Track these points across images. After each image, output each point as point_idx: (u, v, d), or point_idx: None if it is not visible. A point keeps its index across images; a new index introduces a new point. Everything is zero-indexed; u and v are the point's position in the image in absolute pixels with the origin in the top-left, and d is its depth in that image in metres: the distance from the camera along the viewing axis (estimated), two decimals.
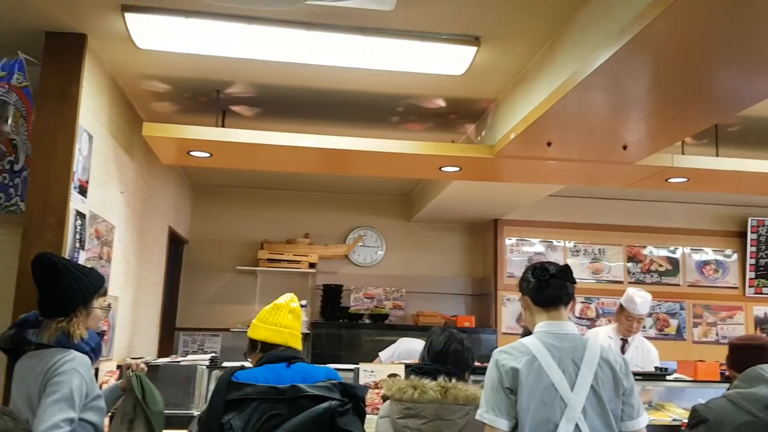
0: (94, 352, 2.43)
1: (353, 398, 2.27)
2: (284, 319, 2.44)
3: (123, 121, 4.00)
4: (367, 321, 6.32)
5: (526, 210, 6.30)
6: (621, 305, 4.32)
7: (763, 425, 2.40)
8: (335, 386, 2.24)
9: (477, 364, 3.80)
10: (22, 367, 2.37)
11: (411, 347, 4.70)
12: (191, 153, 4.02)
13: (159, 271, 5.30)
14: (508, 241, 6.63)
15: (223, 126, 4.11)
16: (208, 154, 4.05)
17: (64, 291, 2.41)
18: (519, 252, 6.60)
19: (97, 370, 3.25)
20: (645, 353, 4.38)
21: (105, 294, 2.64)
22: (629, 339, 4.35)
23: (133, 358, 3.87)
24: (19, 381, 2.35)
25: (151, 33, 3.17)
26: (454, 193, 5.42)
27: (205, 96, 4.04)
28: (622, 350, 4.31)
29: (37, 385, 2.28)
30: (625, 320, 4.28)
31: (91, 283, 2.47)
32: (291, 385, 2.21)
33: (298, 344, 2.44)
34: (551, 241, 6.68)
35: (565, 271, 2.24)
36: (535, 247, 6.65)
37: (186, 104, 4.21)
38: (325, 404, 2.19)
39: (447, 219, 6.78)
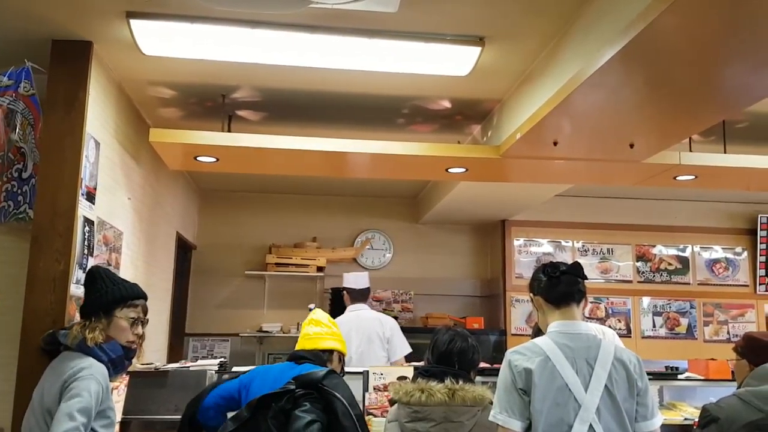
0: (112, 363, 2.48)
1: (309, 386, 2.30)
2: (307, 328, 2.78)
3: (130, 128, 4.02)
4: None
5: (533, 210, 6.28)
6: None
7: None
8: (292, 382, 2.31)
9: (486, 365, 3.81)
10: (49, 367, 2.50)
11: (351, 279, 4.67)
12: (198, 158, 4.03)
13: (167, 276, 5.31)
14: (516, 242, 6.60)
15: (229, 131, 4.12)
16: (215, 159, 4.06)
17: (90, 296, 2.60)
18: (527, 253, 6.58)
19: None
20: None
21: (137, 308, 2.63)
22: None
23: (142, 364, 3.88)
24: (42, 380, 2.46)
25: (157, 39, 3.18)
26: (462, 194, 5.41)
27: (211, 101, 4.05)
28: None
29: (53, 386, 2.36)
30: None
31: (116, 292, 2.58)
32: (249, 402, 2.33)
33: (317, 345, 2.71)
34: (559, 241, 6.66)
35: (576, 268, 2.24)
36: (544, 248, 6.63)
37: (192, 109, 4.23)
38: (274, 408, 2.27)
39: (455, 221, 6.76)
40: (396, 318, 6.30)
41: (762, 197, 6.52)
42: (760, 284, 6.68)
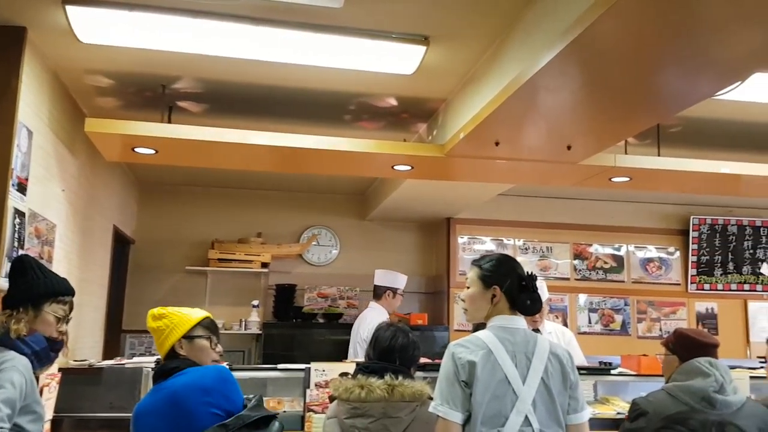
0: (36, 356, 2.37)
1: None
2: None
3: (65, 117, 3.88)
4: (321, 320, 6.30)
5: (477, 209, 6.37)
6: None
7: (696, 415, 2.48)
8: (260, 401, 2.17)
9: (428, 360, 3.84)
10: None
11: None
12: (136, 150, 3.92)
13: (103, 271, 5.16)
14: (460, 240, 6.69)
15: (169, 122, 4.02)
16: (154, 151, 3.95)
17: (19, 286, 2.45)
18: (471, 250, 6.67)
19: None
20: (561, 336, 4.53)
21: (66, 304, 2.52)
22: (540, 328, 4.48)
23: (75, 360, 3.76)
24: None
25: (94, 26, 3.08)
26: (408, 191, 5.44)
27: (151, 91, 3.95)
28: None
29: None
30: None
31: (47, 286, 2.46)
32: (236, 416, 2.05)
33: (165, 350, 2.31)
34: (501, 239, 6.78)
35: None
36: (486, 245, 6.73)
37: (131, 100, 4.12)
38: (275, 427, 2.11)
39: (401, 218, 6.80)
40: (341, 315, 6.36)
41: (694, 199, 6.78)
42: (691, 283, 6.96)
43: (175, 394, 2.10)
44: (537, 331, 4.42)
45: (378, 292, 4.94)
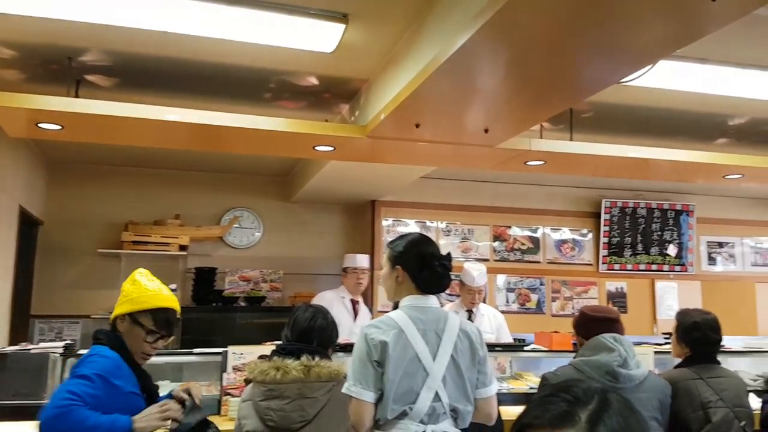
0: None
1: None
2: None
3: None
4: (243, 304, 6.20)
5: (401, 191, 6.42)
6: (461, 280, 4.71)
7: (580, 383, 2.60)
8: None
9: (347, 341, 3.86)
10: None
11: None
12: (40, 125, 3.71)
13: (8, 254, 4.90)
14: (384, 222, 6.73)
15: (76, 96, 3.82)
16: (59, 127, 3.75)
17: None
18: (395, 233, 6.72)
19: None
20: (492, 318, 4.76)
21: None
22: (474, 310, 4.64)
23: None
24: None
25: None
26: (331, 173, 5.40)
27: (57, 64, 3.73)
28: (470, 320, 4.63)
29: None
30: (467, 294, 4.66)
31: None
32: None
33: (113, 313, 2.26)
34: (425, 222, 6.87)
35: (450, 262, 2.30)
36: (410, 228, 6.80)
37: (35, 72, 3.88)
38: None
39: (326, 200, 6.76)
40: (263, 298, 6.28)
41: (606, 183, 7.06)
42: (602, 263, 7.27)
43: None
44: (471, 312, 4.57)
45: None
